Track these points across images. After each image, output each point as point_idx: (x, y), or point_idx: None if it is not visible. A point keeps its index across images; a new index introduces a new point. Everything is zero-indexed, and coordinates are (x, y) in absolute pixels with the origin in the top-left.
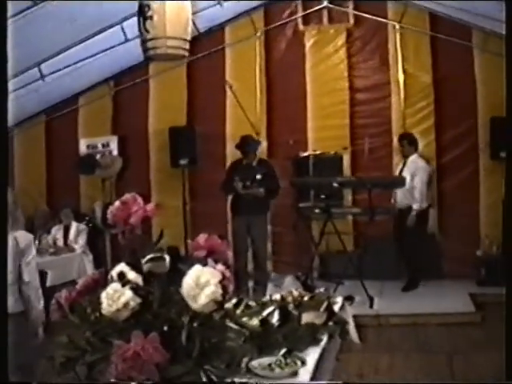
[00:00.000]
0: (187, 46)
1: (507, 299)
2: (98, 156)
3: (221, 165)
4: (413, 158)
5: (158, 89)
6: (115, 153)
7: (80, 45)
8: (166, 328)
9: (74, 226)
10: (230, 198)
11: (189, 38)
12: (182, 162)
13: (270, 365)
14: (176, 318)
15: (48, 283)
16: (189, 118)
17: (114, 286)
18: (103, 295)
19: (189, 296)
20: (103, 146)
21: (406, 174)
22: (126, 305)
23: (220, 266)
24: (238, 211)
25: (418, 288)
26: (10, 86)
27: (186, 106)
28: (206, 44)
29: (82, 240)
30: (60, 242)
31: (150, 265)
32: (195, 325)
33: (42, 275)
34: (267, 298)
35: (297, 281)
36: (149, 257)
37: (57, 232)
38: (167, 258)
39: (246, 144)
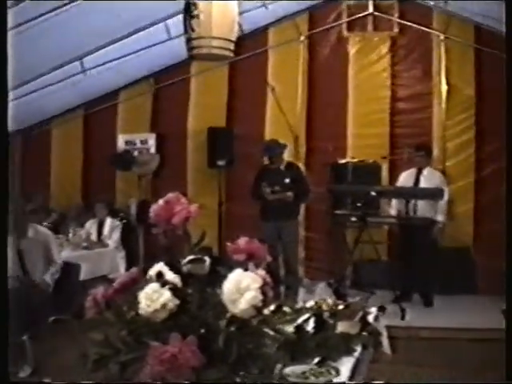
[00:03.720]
0: (232, 47)
1: (508, 300)
2: (135, 153)
3: (258, 167)
4: (429, 169)
5: (198, 88)
6: (153, 150)
7: (123, 40)
8: (203, 331)
9: (108, 221)
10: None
11: (234, 38)
12: (220, 162)
13: (303, 373)
14: (213, 322)
15: (80, 277)
16: (228, 118)
17: (153, 286)
18: (142, 295)
19: (229, 300)
20: (141, 142)
21: (425, 185)
22: (164, 306)
23: (261, 271)
24: (267, 217)
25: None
26: (51, 78)
27: (225, 107)
28: (249, 45)
29: (116, 236)
30: (93, 237)
31: (190, 266)
32: (232, 329)
33: (75, 268)
34: (300, 304)
35: (329, 288)
36: (189, 258)
37: (91, 226)
38: (207, 260)
39: (271, 148)
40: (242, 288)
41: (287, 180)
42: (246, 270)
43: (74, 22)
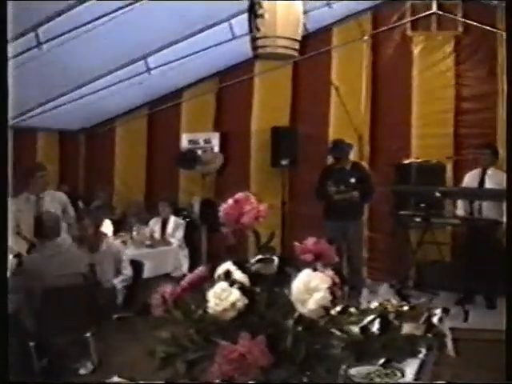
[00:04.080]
0: (297, 46)
1: (507, 299)
2: (199, 151)
3: (321, 167)
4: (494, 169)
5: (262, 87)
6: (217, 149)
7: (187, 40)
8: (271, 331)
9: (172, 219)
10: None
11: (299, 38)
12: (283, 162)
13: (369, 374)
14: (281, 322)
15: (144, 275)
16: (292, 118)
17: (222, 285)
18: (210, 293)
19: (298, 300)
20: (205, 141)
21: (490, 186)
22: (233, 305)
23: (330, 272)
24: (332, 216)
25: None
26: (116, 77)
27: (289, 106)
28: (313, 45)
29: (179, 234)
30: (157, 235)
31: (259, 266)
32: (299, 329)
33: (139, 266)
34: (365, 305)
35: (391, 289)
36: (258, 257)
37: (154, 224)
38: (276, 259)
39: (338, 148)
40: (311, 288)
41: (353, 180)
42: (314, 270)
43: (138, 21)
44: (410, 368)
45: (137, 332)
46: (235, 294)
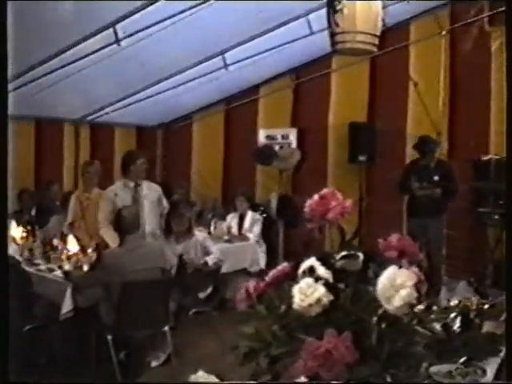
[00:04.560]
0: (376, 42)
1: (507, 299)
2: (276, 147)
3: (399, 163)
4: None
5: (339, 83)
6: (294, 145)
7: (264, 36)
8: (355, 328)
9: (249, 215)
10: (406, 198)
11: (378, 33)
12: (361, 158)
13: (450, 372)
14: (366, 318)
15: (222, 270)
16: (369, 114)
17: (308, 281)
18: (295, 289)
19: (383, 297)
20: (282, 137)
21: None
22: (318, 301)
23: (415, 269)
24: (414, 213)
25: None
26: (194, 73)
27: (367, 102)
28: (390, 40)
29: (257, 230)
30: (234, 230)
31: (344, 262)
32: (383, 326)
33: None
34: (444, 302)
35: (469, 287)
36: (343, 253)
37: (232, 220)
38: (361, 256)
39: (425, 144)
40: (397, 285)
41: (436, 177)
42: (400, 267)
43: (215, 17)
44: (491, 367)
45: (214, 326)
46: (320, 290)
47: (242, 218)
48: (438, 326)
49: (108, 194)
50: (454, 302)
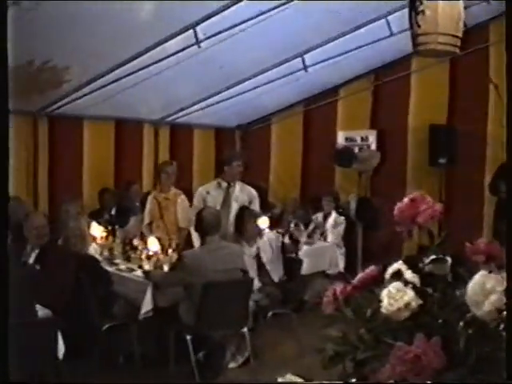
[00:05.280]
0: (458, 43)
1: (508, 299)
2: (356, 149)
3: (480, 166)
4: None
5: (419, 85)
6: (373, 147)
7: (344, 37)
8: (443, 333)
9: (333, 216)
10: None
11: (460, 34)
12: (441, 160)
13: None
14: (453, 323)
15: (303, 271)
16: (449, 115)
17: (397, 285)
18: (384, 293)
19: (472, 302)
20: (362, 139)
21: None
22: (407, 305)
23: (503, 273)
24: (500, 215)
25: None
26: (273, 74)
27: (447, 104)
28: (470, 41)
29: (339, 232)
30: (317, 231)
31: (432, 266)
32: (471, 331)
33: (298, 263)
34: None
35: None
36: (432, 257)
37: (317, 219)
38: (449, 260)
39: None
40: (486, 290)
41: None
42: (489, 271)
43: (294, 19)
44: None
45: (293, 329)
46: (410, 295)
47: (325, 219)
48: None
49: (200, 192)
50: None
